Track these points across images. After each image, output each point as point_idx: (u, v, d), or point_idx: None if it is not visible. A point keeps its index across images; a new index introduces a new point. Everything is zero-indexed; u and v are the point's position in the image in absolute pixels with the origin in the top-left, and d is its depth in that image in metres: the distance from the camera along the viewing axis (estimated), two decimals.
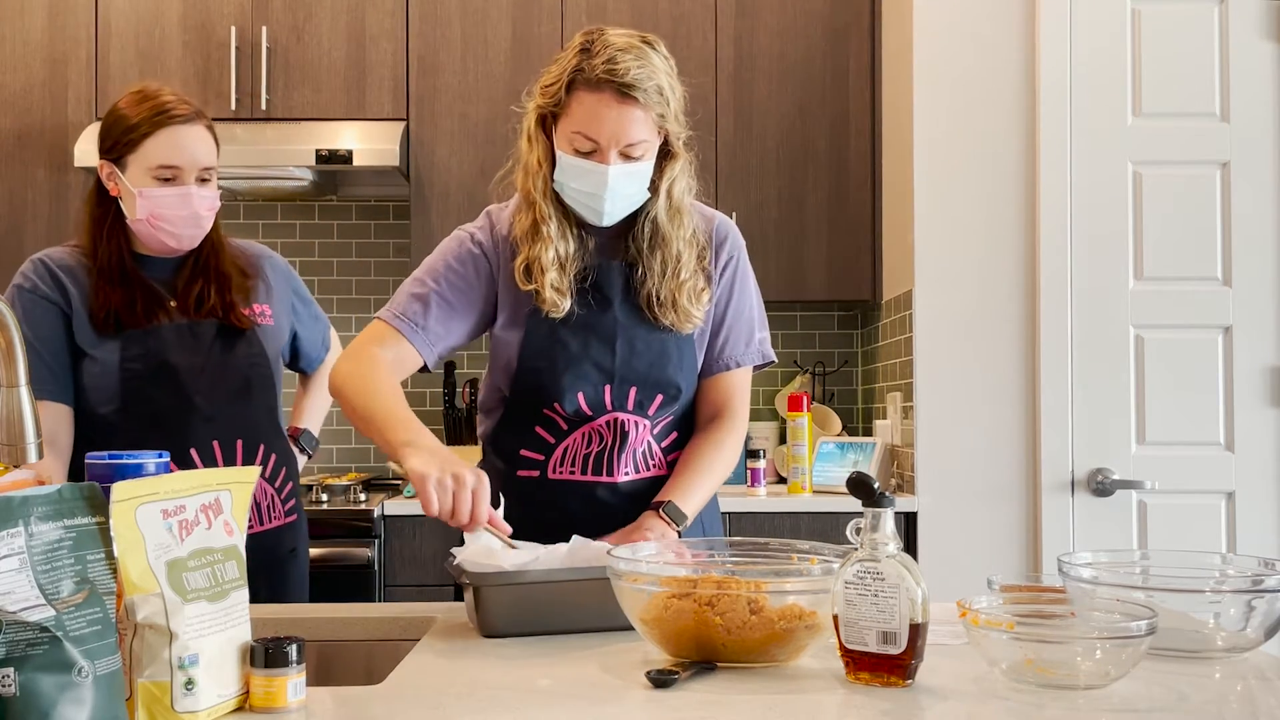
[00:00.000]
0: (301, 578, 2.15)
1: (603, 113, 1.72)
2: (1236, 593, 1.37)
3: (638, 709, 1.17)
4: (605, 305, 1.83)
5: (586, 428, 1.83)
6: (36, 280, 1.96)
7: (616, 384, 1.82)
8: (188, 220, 1.95)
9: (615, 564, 1.37)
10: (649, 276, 1.83)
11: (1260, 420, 3.11)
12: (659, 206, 1.82)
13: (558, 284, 1.78)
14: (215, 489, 1.16)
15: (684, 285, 1.83)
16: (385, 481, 3.80)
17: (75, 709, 0.97)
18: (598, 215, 1.78)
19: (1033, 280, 3.15)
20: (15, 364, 1.27)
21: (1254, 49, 3.12)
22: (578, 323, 1.81)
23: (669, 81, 1.76)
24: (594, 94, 1.72)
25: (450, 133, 3.57)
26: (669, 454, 1.90)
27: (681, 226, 1.84)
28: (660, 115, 1.75)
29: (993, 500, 3.14)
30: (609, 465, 1.84)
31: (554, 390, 1.80)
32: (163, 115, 1.92)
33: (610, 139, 1.72)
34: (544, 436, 1.85)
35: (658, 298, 1.82)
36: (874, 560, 1.22)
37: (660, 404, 1.85)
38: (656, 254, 1.83)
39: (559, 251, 1.79)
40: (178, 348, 1.95)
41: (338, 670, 1.59)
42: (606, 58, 1.72)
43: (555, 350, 1.80)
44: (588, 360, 1.81)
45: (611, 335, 1.83)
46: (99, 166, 1.97)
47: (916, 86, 3.18)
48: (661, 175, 1.81)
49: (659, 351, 1.84)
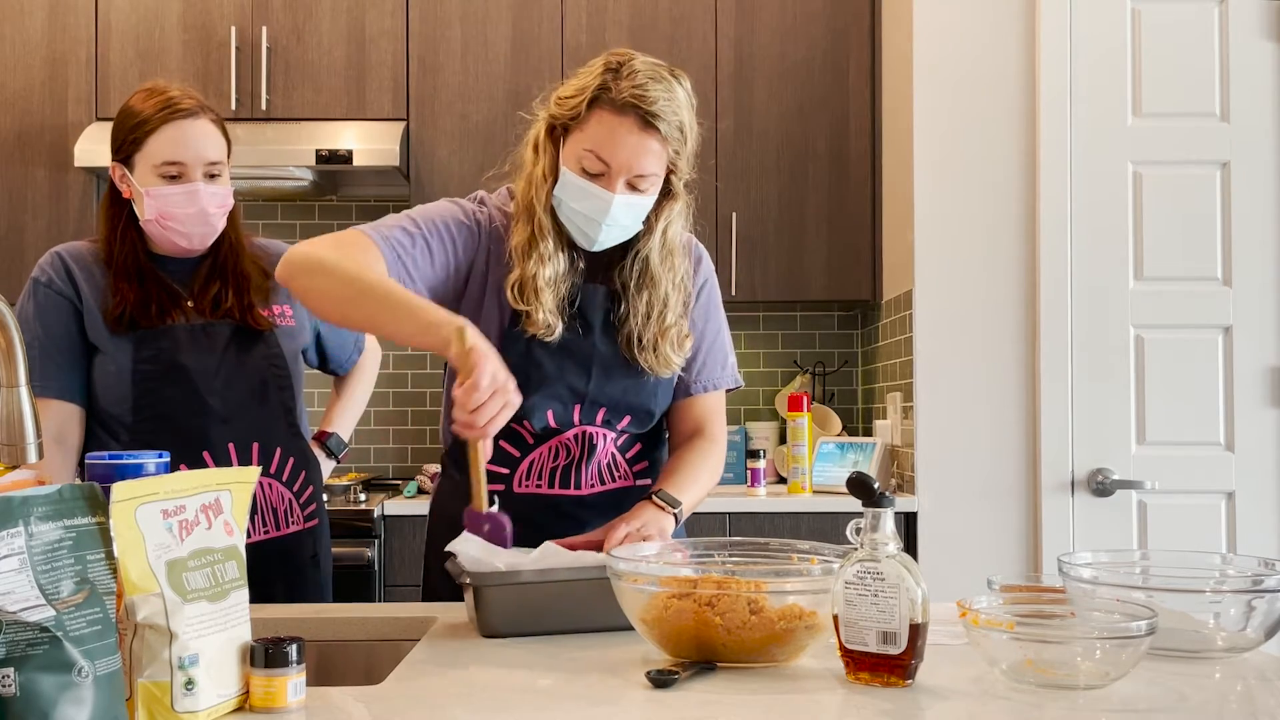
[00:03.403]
0: (323, 585, 2.09)
1: (622, 137, 1.66)
2: (1236, 593, 1.37)
3: (638, 709, 1.17)
4: (586, 331, 1.78)
5: (554, 441, 1.80)
6: (52, 274, 1.94)
7: (587, 405, 1.79)
8: (196, 218, 1.92)
9: (615, 564, 1.37)
10: (632, 316, 1.78)
11: (1260, 420, 3.11)
12: (652, 245, 1.77)
13: (552, 308, 1.73)
14: (215, 489, 1.16)
15: (668, 330, 1.78)
16: (385, 481, 3.81)
17: (75, 709, 0.97)
18: (589, 240, 1.74)
19: (1033, 280, 3.15)
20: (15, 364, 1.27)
21: (1254, 49, 3.12)
22: (556, 344, 1.76)
23: (690, 119, 1.71)
24: (616, 116, 1.66)
25: (450, 133, 3.57)
26: (634, 464, 1.87)
27: (673, 270, 1.79)
28: (675, 152, 1.70)
29: (993, 500, 3.15)
30: (575, 478, 1.81)
31: (524, 408, 1.66)
32: (166, 110, 1.90)
33: (623, 166, 1.67)
34: (509, 451, 1.80)
35: (639, 340, 1.78)
36: (874, 560, 1.22)
37: (628, 423, 1.83)
38: (643, 294, 1.78)
39: (555, 271, 1.73)
40: (191, 348, 1.93)
41: (338, 670, 1.59)
42: (636, 83, 1.65)
43: (529, 369, 1.74)
44: (561, 382, 1.77)
45: (588, 361, 1.78)
46: (111, 169, 1.96)
47: (916, 86, 3.18)
48: (659, 214, 1.76)
49: (633, 381, 1.80)
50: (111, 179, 1.97)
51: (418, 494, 3.43)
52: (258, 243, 2.12)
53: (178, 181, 1.91)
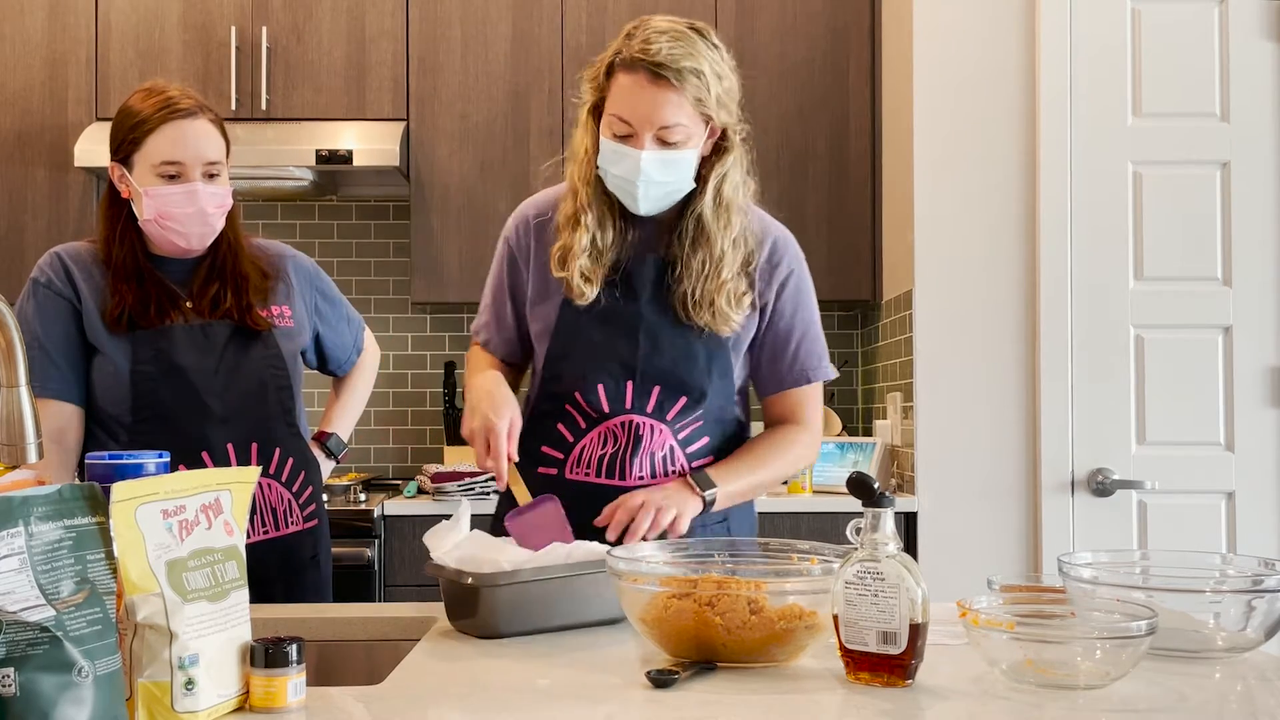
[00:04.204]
0: (322, 586, 2.08)
1: (636, 94, 1.70)
2: (1236, 593, 1.37)
3: (638, 709, 1.17)
4: (632, 298, 1.81)
5: (602, 427, 1.82)
6: (51, 275, 1.94)
7: (639, 381, 1.80)
8: (194, 218, 1.92)
9: (615, 564, 1.37)
10: (686, 275, 1.79)
11: (1260, 420, 3.11)
12: (705, 202, 1.78)
13: (587, 271, 1.78)
14: (215, 489, 1.16)
15: (724, 286, 1.79)
16: (385, 481, 3.81)
17: (75, 709, 0.97)
18: (634, 201, 1.77)
19: (1033, 280, 3.15)
20: (15, 364, 1.27)
21: (1254, 49, 3.12)
22: (602, 313, 1.80)
23: (711, 66, 1.71)
24: (629, 75, 1.70)
25: (450, 133, 3.57)
26: (695, 460, 1.86)
27: (728, 225, 1.80)
28: (698, 100, 1.71)
29: (993, 500, 3.14)
30: (622, 469, 1.82)
31: (575, 380, 1.79)
32: (165, 110, 1.90)
33: (643, 121, 1.70)
34: (564, 434, 1.84)
35: (693, 297, 1.79)
36: (874, 560, 1.22)
37: (682, 407, 1.82)
38: (698, 252, 1.79)
39: (596, 240, 1.78)
40: (189, 349, 1.93)
41: (338, 670, 1.59)
42: (643, 39, 1.70)
43: (579, 339, 1.80)
44: (608, 351, 1.80)
45: (634, 327, 1.80)
46: (110, 169, 1.96)
47: (916, 86, 3.18)
48: (710, 171, 1.78)
49: (683, 351, 1.81)
50: (110, 179, 1.97)
51: (418, 494, 3.43)
52: (256, 243, 2.11)
53: (176, 181, 1.90)
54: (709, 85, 1.71)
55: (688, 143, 1.73)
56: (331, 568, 2.14)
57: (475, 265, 3.54)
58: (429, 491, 3.34)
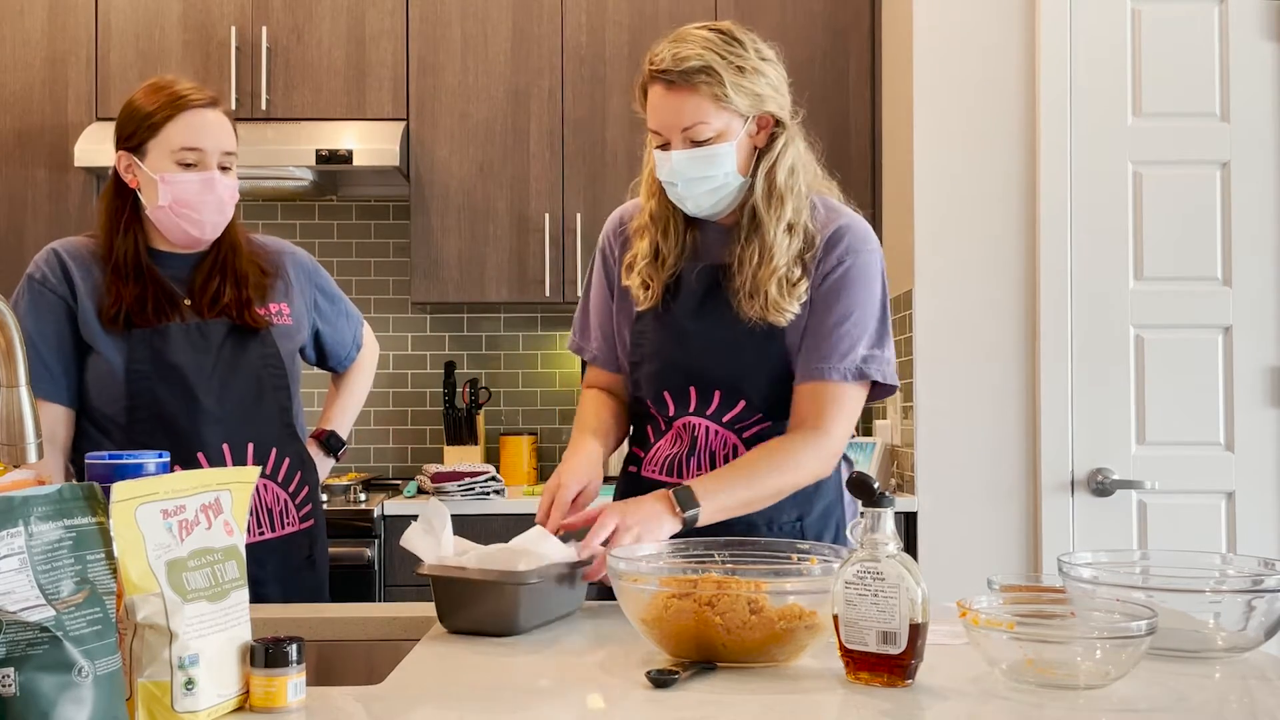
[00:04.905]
0: (319, 587, 2.07)
1: (658, 105, 1.75)
2: (1236, 593, 1.37)
3: (638, 709, 1.17)
4: (691, 304, 1.83)
5: (671, 430, 1.86)
6: (47, 272, 1.93)
7: (700, 387, 1.82)
8: (212, 206, 1.91)
9: (615, 564, 1.37)
10: (742, 269, 1.78)
11: (1260, 420, 3.11)
12: (757, 193, 1.79)
13: (646, 277, 1.84)
14: (215, 489, 1.16)
15: (775, 273, 1.76)
16: (385, 481, 3.81)
17: (75, 709, 0.97)
18: (683, 203, 1.80)
19: (1032, 280, 3.15)
20: (15, 364, 1.27)
21: (1254, 49, 3.12)
22: (666, 320, 1.84)
23: (719, 57, 1.73)
24: (652, 89, 1.76)
25: (450, 133, 3.57)
26: None
27: (780, 211, 1.79)
28: (715, 96, 1.72)
29: (993, 500, 3.14)
30: (681, 468, 1.84)
31: (648, 386, 1.86)
32: (182, 100, 1.91)
33: (669, 128, 1.75)
34: (648, 435, 1.90)
35: (746, 289, 1.78)
36: (874, 560, 1.22)
37: (742, 409, 1.81)
38: (752, 243, 1.79)
39: (659, 248, 1.84)
40: (185, 348, 1.91)
41: (338, 670, 1.59)
42: (654, 52, 1.76)
43: (648, 347, 1.85)
44: (670, 358, 1.83)
45: (691, 334, 1.82)
46: (116, 159, 1.94)
47: (916, 86, 3.18)
48: (759, 163, 1.80)
49: (739, 356, 1.80)
50: (115, 171, 1.96)
51: (417, 494, 3.43)
52: (255, 239, 2.11)
53: (194, 169, 1.90)
54: (725, 80, 1.72)
55: (719, 139, 1.75)
56: (328, 569, 2.13)
57: (475, 265, 3.55)
58: (429, 491, 3.33)
